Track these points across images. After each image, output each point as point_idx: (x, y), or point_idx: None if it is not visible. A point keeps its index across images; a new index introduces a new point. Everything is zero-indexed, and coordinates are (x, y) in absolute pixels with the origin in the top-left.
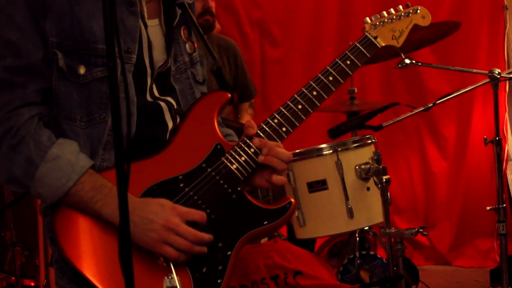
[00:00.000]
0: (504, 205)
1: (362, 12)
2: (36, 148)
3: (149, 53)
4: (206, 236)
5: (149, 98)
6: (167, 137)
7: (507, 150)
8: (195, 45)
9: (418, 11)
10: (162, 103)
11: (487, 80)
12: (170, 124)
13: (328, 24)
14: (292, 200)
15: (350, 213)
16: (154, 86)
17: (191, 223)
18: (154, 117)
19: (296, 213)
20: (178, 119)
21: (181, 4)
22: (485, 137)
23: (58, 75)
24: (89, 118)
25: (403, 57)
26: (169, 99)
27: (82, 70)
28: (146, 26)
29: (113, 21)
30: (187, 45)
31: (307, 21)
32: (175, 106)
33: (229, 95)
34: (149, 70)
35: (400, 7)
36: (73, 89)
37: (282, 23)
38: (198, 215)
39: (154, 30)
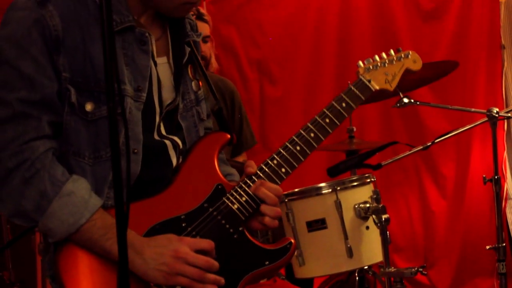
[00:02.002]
0: (504, 244)
1: (360, 52)
2: (50, 183)
3: (158, 91)
4: (216, 263)
5: (156, 136)
6: (170, 175)
7: (506, 189)
8: (200, 83)
9: (409, 55)
10: (167, 142)
11: (486, 119)
12: (175, 164)
13: (326, 64)
14: (292, 240)
15: (350, 252)
16: (162, 124)
17: (200, 253)
18: (160, 156)
19: (296, 253)
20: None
21: (189, 42)
22: (484, 176)
23: (69, 111)
24: (95, 155)
25: (402, 96)
26: (176, 138)
27: (90, 107)
28: (155, 64)
29: (113, 62)
30: (193, 83)
31: (306, 61)
32: (181, 146)
33: (229, 136)
34: (157, 109)
35: (392, 51)
36: (82, 126)
37: (281, 63)
38: (206, 243)
39: (163, 68)
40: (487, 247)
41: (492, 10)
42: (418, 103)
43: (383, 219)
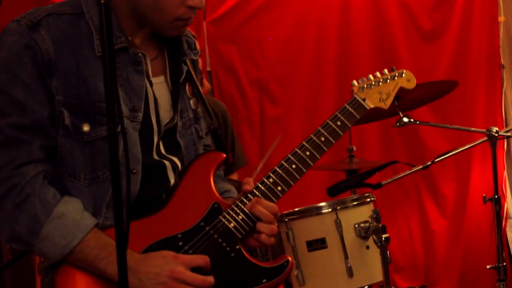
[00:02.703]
0: (504, 263)
1: (360, 71)
2: (41, 206)
3: (155, 111)
4: (213, 280)
5: (155, 156)
6: (165, 195)
7: (506, 208)
8: (198, 100)
9: (403, 74)
10: (166, 162)
11: (485, 138)
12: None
13: (326, 83)
14: (290, 258)
15: (350, 272)
16: (161, 144)
17: (196, 269)
18: (158, 176)
19: (296, 272)
20: None
21: (186, 61)
22: (484, 195)
23: (63, 133)
24: (92, 176)
25: (401, 115)
26: (175, 159)
27: (86, 128)
28: (151, 84)
29: (114, 83)
30: (191, 101)
31: (306, 80)
32: (179, 167)
33: (225, 155)
34: (155, 128)
35: (385, 70)
36: (77, 147)
37: (281, 81)
38: (201, 259)
39: (160, 87)
40: (488, 266)
41: (491, 29)
42: (418, 122)
43: (383, 239)
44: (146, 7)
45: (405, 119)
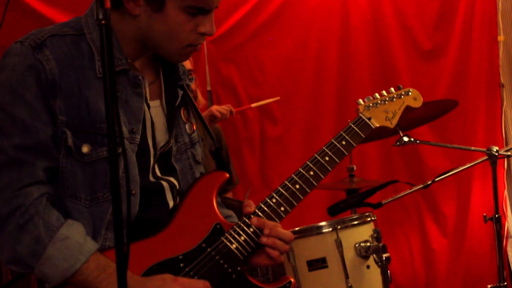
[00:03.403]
0: (505, 283)
1: (360, 91)
2: (45, 228)
3: (152, 134)
4: None
5: (151, 178)
6: (167, 216)
7: (507, 227)
8: (194, 126)
9: (410, 93)
10: (164, 183)
11: (486, 157)
12: (171, 204)
13: (326, 103)
14: (292, 279)
15: None
16: (156, 166)
17: None
18: (156, 197)
19: None
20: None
21: (182, 85)
22: (484, 214)
23: (65, 154)
24: (92, 197)
25: (402, 135)
26: (172, 179)
27: (86, 149)
28: (149, 107)
29: (114, 104)
30: (186, 126)
31: (306, 99)
32: (177, 187)
33: (228, 175)
34: (152, 150)
35: (392, 89)
36: (78, 168)
37: (281, 101)
38: (201, 284)
39: (156, 110)
40: (489, 286)
41: (491, 48)
42: (418, 141)
43: (384, 258)
44: (159, 33)
45: (405, 139)
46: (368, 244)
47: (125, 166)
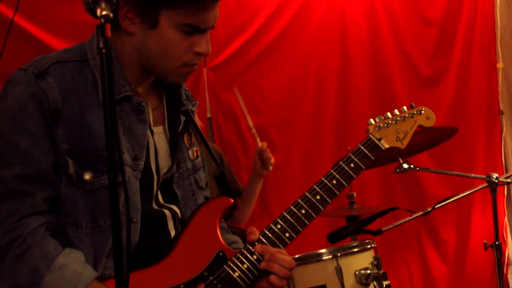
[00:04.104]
0: None
1: (360, 118)
2: (42, 258)
3: (155, 160)
4: None
5: (154, 205)
6: (169, 244)
7: (508, 255)
8: (198, 151)
9: (422, 111)
10: (166, 211)
11: (485, 184)
12: (173, 233)
13: (326, 130)
14: None
15: None
16: (159, 193)
17: None
18: (158, 226)
19: None
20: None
21: (185, 111)
22: (484, 241)
23: (66, 182)
24: (94, 225)
25: (401, 162)
26: (174, 207)
27: (88, 176)
28: (152, 133)
29: (114, 132)
30: (189, 152)
31: (306, 126)
32: (179, 215)
33: (232, 200)
34: (155, 177)
35: (404, 107)
36: (80, 196)
37: (281, 128)
38: None
39: (159, 137)
40: None
41: (490, 76)
42: (418, 168)
43: (384, 286)
44: (154, 53)
45: (405, 165)
46: (369, 271)
47: (125, 194)
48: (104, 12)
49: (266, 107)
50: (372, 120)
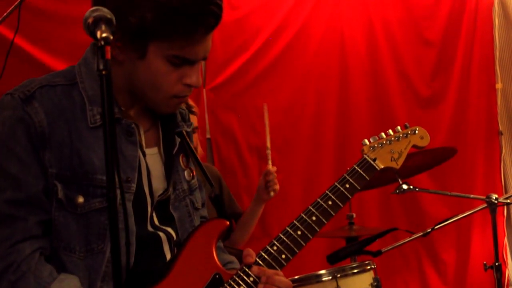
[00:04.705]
0: None
1: (359, 139)
2: (36, 284)
3: (148, 182)
4: None
5: (149, 227)
6: (165, 267)
7: (508, 276)
8: (193, 172)
9: (416, 131)
10: (161, 234)
11: (485, 205)
12: (168, 256)
13: (326, 151)
14: None
15: None
16: (154, 215)
17: None
18: (153, 248)
19: None
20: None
21: (180, 132)
22: (484, 262)
23: (57, 206)
24: (87, 248)
25: (401, 182)
26: (169, 229)
27: (80, 199)
28: (144, 155)
29: (114, 153)
30: (185, 173)
31: (305, 147)
32: (175, 238)
33: (228, 222)
34: (149, 199)
35: (399, 128)
36: (71, 220)
37: (280, 149)
38: None
39: (153, 158)
40: None
41: (489, 96)
42: (417, 189)
43: None
44: (143, 83)
45: (405, 186)
46: None
47: (124, 217)
48: (104, 34)
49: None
50: (366, 141)
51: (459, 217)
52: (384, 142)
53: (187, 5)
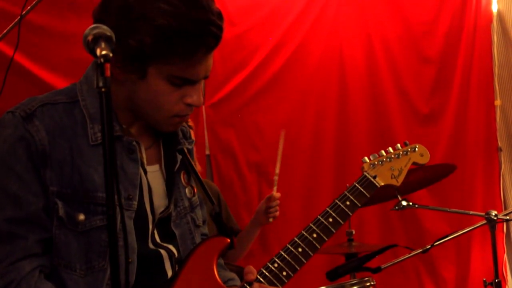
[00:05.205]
0: None
1: (358, 155)
2: None
3: (149, 199)
4: None
5: (150, 245)
6: (166, 285)
7: None
8: (195, 189)
9: (416, 149)
10: (162, 251)
11: (485, 221)
12: (170, 273)
13: (325, 167)
14: None
15: None
16: (155, 232)
17: None
18: (154, 266)
19: None
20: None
21: (181, 150)
22: (484, 279)
23: (58, 224)
24: (87, 266)
25: (400, 199)
26: (171, 247)
27: (81, 217)
28: (145, 172)
29: (114, 170)
30: (187, 190)
31: (304, 164)
32: (176, 255)
33: (229, 240)
34: (150, 216)
35: (398, 145)
36: (72, 238)
37: (280, 165)
38: None
39: (154, 175)
40: None
41: (488, 113)
42: (416, 206)
43: None
44: (144, 102)
45: (404, 203)
46: None
47: (124, 235)
48: (103, 52)
49: (264, 144)
50: (366, 158)
51: (458, 233)
52: (384, 159)
53: (187, 27)
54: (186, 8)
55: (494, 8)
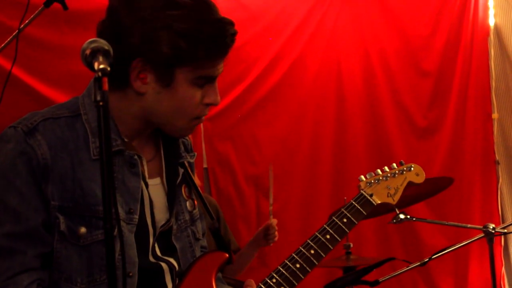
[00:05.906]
0: None
1: (356, 169)
2: None
3: (151, 213)
4: None
5: (151, 258)
6: None
7: None
8: (195, 202)
9: (412, 168)
10: (163, 264)
11: (482, 234)
12: (170, 287)
13: (322, 181)
14: None
15: None
16: (156, 245)
17: None
18: (155, 279)
19: None
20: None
21: (183, 163)
22: None
23: (59, 239)
24: (89, 279)
25: (398, 212)
26: (171, 260)
27: (83, 230)
28: (147, 186)
29: (111, 185)
30: (187, 203)
31: (302, 177)
32: (177, 268)
33: (227, 255)
34: (151, 230)
35: (394, 164)
36: (73, 252)
37: (277, 179)
38: None
39: (155, 189)
40: None
41: (485, 126)
42: (414, 219)
43: None
44: (167, 110)
45: (402, 216)
46: None
47: (121, 249)
48: (101, 66)
49: (262, 157)
50: (362, 177)
51: (456, 246)
52: (381, 178)
53: (215, 27)
54: (202, 12)
55: (491, 21)
